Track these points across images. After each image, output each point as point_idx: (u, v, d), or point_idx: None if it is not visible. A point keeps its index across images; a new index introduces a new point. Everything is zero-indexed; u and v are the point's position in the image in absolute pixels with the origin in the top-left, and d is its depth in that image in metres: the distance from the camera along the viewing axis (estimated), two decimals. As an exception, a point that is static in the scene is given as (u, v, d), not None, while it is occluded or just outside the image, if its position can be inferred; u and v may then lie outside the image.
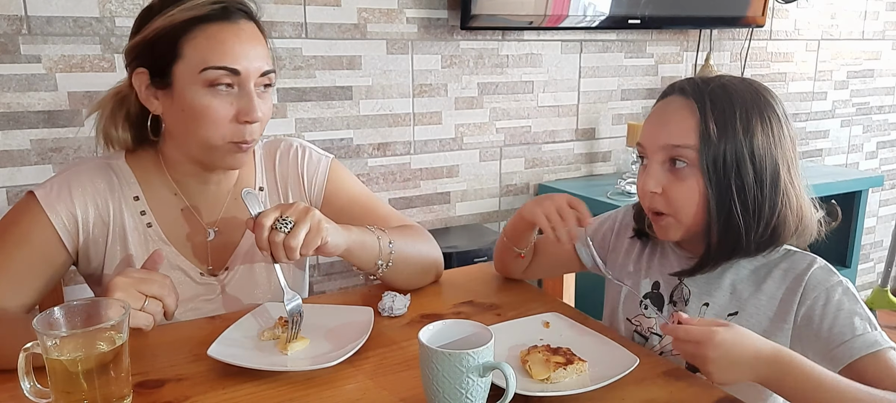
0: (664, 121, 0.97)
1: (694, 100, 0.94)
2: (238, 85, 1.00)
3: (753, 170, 0.92)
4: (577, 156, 2.57)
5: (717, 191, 0.93)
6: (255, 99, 1.01)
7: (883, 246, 3.48)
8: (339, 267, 2.20)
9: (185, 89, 1.00)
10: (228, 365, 0.90)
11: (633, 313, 1.09)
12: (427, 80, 2.21)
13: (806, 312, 0.93)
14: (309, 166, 1.22)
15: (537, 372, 0.87)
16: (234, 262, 1.15)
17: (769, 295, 0.97)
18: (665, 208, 0.97)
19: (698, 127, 0.93)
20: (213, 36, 0.99)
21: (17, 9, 1.66)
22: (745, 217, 0.93)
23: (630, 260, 1.13)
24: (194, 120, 1.00)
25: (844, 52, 3.14)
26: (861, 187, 2.55)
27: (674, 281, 1.05)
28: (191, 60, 0.99)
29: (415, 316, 1.10)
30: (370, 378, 0.91)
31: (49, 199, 1.03)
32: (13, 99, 1.69)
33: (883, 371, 0.85)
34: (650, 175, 0.97)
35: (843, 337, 0.88)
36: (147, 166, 1.11)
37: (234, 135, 1.02)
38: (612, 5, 2.30)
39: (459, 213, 2.38)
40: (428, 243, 1.22)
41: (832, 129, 3.21)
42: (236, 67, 0.99)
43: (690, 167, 0.94)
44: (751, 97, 0.94)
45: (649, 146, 0.98)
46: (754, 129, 0.92)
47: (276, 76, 1.06)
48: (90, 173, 1.08)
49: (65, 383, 0.75)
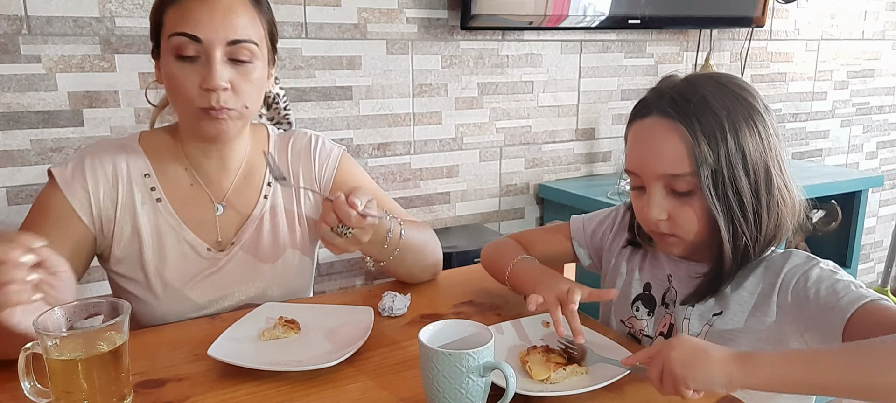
0: (654, 150, 0.94)
1: (680, 122, 0.91)
2: (202, 52, 1.02)
3: (748, 180, 0.91)
4: (577, 156, 2.57)
5: (721, 209, 0.92)
6: (215, 66, 1.01)
7: (883, 247, 3.48)
8: (339, 267, 2.20)
9: (163, 57, 1.05)
10: (228, 365, 0.90)
11: (626, 314, 1.09)
12: (427, 80, 2.21)
13: (792, 298, 0.92)
14: (321, 153, 1.24)
15: (537, 372, 0.87)
16: (241, 238, 1.16)
17: (750, 291, 0.97)
18: (670, 230, 0.96)
19: (692, 152, 0.90)
20: (185, 5, 1.02)
21: (17, 9, 1.66)
22: (747, 228, 0.92)
23: (622, 260, 1.13)
24: (171, 87, 1.05)
25: (844, 52, 3.14)
26: (861, 187, 2.54)
27: (665, 283, 1.05)
28: (166, 28, 1.03)
29: (415, 316, 1.10)
30: (370, 378, 0.91)
31: (64, 177, 1.08)
32: (13, 99, 1.69)
33: (872, 321, 0.83)
34: (653, 204, 0.94)
35: (830, 304, 0.87)
36: (160, 144, 1.15)
37: (201, 102, 1.03)
38: (612, 5, 2.30)
39: (459, 213, 2.38)
40: (433, 240, 1.25)
41: (832, 129, 3.21)
42: (197, 34, 1.00)
43: (691, 190, 0.93)
44: (733, 103, 0.92)
45: (644, 174, 0.95)
46: (744, 138, 0.91)
47: (263, 45, 1.07)
48: (102, 152, 1.11)
49: (65, 383, 0.74)
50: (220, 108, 1.03)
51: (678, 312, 1.02)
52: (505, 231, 2.47)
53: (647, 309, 1.07)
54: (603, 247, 1.17)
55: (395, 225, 1.09)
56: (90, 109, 1.77)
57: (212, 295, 1.14)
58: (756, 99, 0.95)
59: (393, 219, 1.09)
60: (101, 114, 1.78)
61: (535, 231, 1.28)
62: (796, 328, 0.92)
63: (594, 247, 1.18)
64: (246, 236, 1.16)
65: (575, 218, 1.23)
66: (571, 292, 0.96)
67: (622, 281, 1.11)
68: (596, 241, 1.18)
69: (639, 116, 0.97)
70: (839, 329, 0.85)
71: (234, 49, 1.02)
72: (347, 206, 0.94)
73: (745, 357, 0.77)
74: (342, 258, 2.19)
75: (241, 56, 1.03)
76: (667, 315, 1.04)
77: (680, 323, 1.01)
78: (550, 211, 2.50)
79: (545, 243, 1.21)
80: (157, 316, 1.11)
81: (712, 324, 0.98)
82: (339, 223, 0.95)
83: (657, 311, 1.05)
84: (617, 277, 1.12)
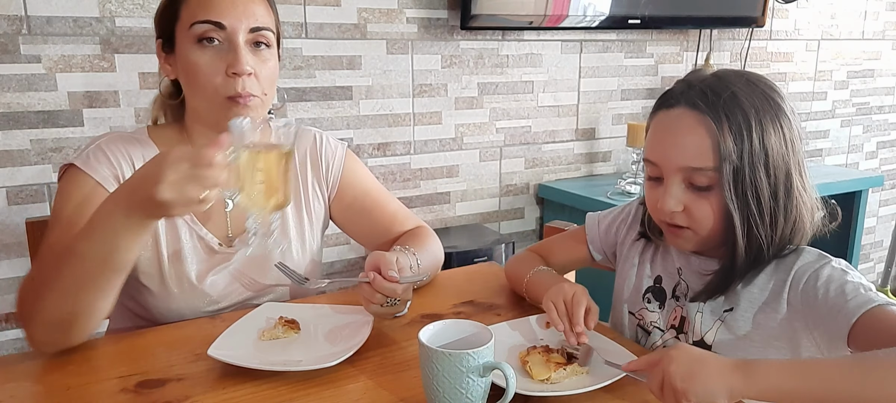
0: (678, 141, 0.93)
1: (708, 116, 0.90)
2: (226, 40, 1.04)
3: (768, 182, 0.91)
4: (577, 156, 2.57)
5: (738, 207, 0.91)
6: (241, 51, 1.04)
7: (883, 246, 3.48)
8: (339, 268, 2.20)
9: (182, 48, 1.05)
10: (228, 365, 0.90)
11: (637, 306, 1.10)
12: (427, 80, 2.21)
13: (801, 296, 0.92)
14: (326, 152, 1.25)
15: (537, 373, 0.87)
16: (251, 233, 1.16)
17: (760, 287, 0.97)
18: (685, 222, 0.95)
19: (716, 147, 0.89)
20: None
21: (17, 9, 1.66)
22: (763, 229, 0.92)
23: (635, 253, 1.13)
24: (192, 77, 1.05)
25: (844, 52, 3.14)
26: (861, 187, 2.55)
27: (675, 277, 1.05)
28: (184, 19, 1.04)
29: (415, 316, 1.10)
30: (370, 378, 0.91)
31: (90, 164, 1.06)
32: (13, 99, 1.69)
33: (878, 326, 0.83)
34: (670, 195, 0.94)
35: (838, 306, 0.87)
36: (170, 139, 1.14)
37: (227, 89, 1.04)
38: (612, 5, 2.30)
39: (459, 213, 2.38)
40: (437, 247, 1.26)
41: (832, 129, 3.22)
42: (221, 21, 1.03)
43: (710, 185, 0.92)
44: (762, 103, 0.92)
45: (665, 165, 0.94)
46: (769, 139, 0.90)
47: (274, 36, 1.10)
48: (117, 141, 1.11)
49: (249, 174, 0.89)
50: (246, 95, 1.05)
51: (690, 307, 1.02)
52: (505, 231, 2.47)
53: (657, 301, 1.07)
54: (617, 242, 1.17)
55: (415, 262, 1.12)
56: (90, 109, 1.77)
57: (224, 290, 1.14)
58: (784, 100, 0.94)
59: (412, 255, 1.11)
60: (101, 114, 1.78)
61: (554, 239, 1.29)
62: (805, 325, 0.92)
63: (608, 243, 1.18)
64: None
65: (590, 215, 1.23)
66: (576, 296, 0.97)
67: (634, 272, 1.11)
68: (610, 237, 1.18)
69: (665, 106, 0.96)
70: (845, 332, 0.85)
71: (254, 36, 1.06)
72: (390, 283, 0.97)
73: (745, 368, 0.76)
74: (342, 258, 2.20)
75: (262, 42, 1.06)
76: (677, 308, 1.04)
77: (693, 317, 1.01)
78: (550, 211, 2.50)
79: (562, 252, 1.23)
80: (173, 310, 1.11)
81: (724, 320, 0.98)
82: (388, 298, 0.99)
83: (667, 304, 1.06)
84: (629, 269, 1.12)
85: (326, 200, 1.26)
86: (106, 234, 0.88)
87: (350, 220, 1.28)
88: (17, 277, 1.78)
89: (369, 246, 1.32)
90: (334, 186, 1.25)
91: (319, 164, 1.24)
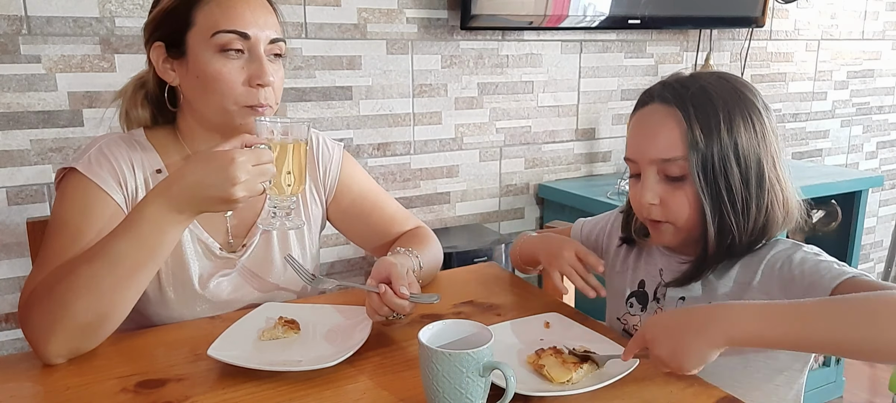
0: (650, 133, 0.97)
1: (676, 107, 0.94)
2: (248, 50, 1.04)
3: (739, 171, 0.93)
4: (577, 157, 2.57)
5: (709, 196, 0.94)
6: (265, 62, 1.04)
7: (883, 246, 3.48)
8: (339, 268, 2.20)
9: (199, 55, 1.03)
10: (228, 365, 0.90)
11: (621, 312, 1.12)
12: (427, 80, 2.21)
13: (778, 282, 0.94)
14: (324, 154, 1.24)
15: (557, 375, 0.87)
16: (252, 238, 1.16)
17: (735, 279, 0.99)
18: (662, 216, 0.98)
19: (685, 136, 0.93)
20: (224, 2, 1.03)
21: (17, 9, 1.66)
22: (735, 218, 0.94)
23: (618, 260, 1.15)
24: (208, 85, 1.04)
25: (844, 52, 3.14)
26: (861, 187, 2.54)
27: (657, 280, 1.07)
28: (202, 27, 1.03)
29: (415, 316, 1.10)
30: (370, 378, 0.91)
31: (91, 168, 1.05)
32: (13, 99, 1.69)
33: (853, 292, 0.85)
34: (647, 188, 0.97)
35: (813, 282, 0.89)
36: (166, 141, 1.14)
37: (247, 99, 1.05)
38: (612, 5, 2.30)
39: (459, 213, 2.38)
40: (437, 248, 1.26)
41: (832, 129, 3.22)
42: (246, 31, 1.03)
43: (683, 176, 0.95)
44: (731, 96, 0.95)
45: (640, 160, 0.98)
46: (737, 130, 0.93)
47: (285, 47, 1.10)
48: (117, 143, 1.10)
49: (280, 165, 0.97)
50: (264, 105, 1.05)
51: (667, 303, 1.04)
52: (505, 231, 2.47)
53: (640, 305, 1.09)
54: (599, 249, 1.20)
55: (416, 263, 1.12)
56: (90, 109, 1.77)
57: (225, 296, 1.13)
58: (756, 97, 0.97)
59: (414, 256, 1.12)
60: (101, 114, 1.78)
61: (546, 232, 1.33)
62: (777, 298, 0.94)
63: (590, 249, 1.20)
64: (256, 236, 1.16)
65: (578, 221, 1.27)
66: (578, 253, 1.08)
67: (618, 279, 1.14)
68: (590, 244, 1.22)
69: (641, 105, 1.01)
70: None
71: (273, 47, 1.06)
72: (399, 298, 0.98)
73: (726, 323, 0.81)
74: (342, 258, 2.20)
75: (278, 53, 1.08)
76: (658, 309, 1.06)
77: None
78: (550, 211, 2.50)
79: None
80: (175, 317, 1.10)
81: None
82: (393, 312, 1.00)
83: (649, 306, 1.07)
84: (614, 276, 1.15)
85: (324, 204, 1.26)
86: (152, 234, 0.92)
87: (348, 223, 1.28)
88: (17, 277, 1.78)
89: (368, 248, 1.32)
90: (332, 190, 1.25)
91: (316, 168, 1.23)
